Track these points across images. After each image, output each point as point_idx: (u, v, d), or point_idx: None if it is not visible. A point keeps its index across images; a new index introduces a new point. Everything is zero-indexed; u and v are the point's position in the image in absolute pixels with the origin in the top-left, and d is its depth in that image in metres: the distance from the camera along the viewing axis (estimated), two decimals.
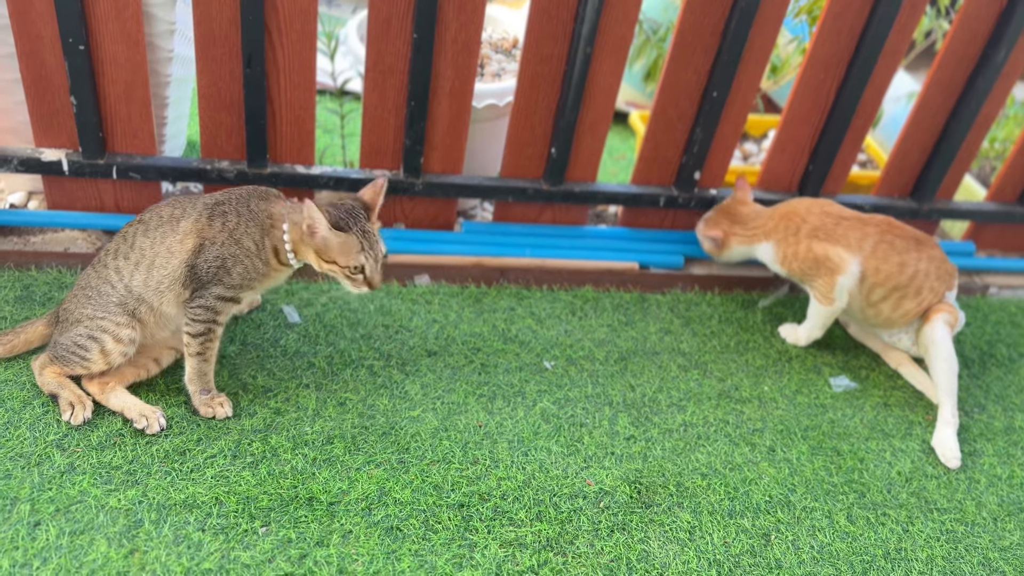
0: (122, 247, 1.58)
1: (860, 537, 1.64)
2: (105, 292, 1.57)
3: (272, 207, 1.58)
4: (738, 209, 2.11)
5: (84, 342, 1.56)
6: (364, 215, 1.55)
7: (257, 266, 1.56)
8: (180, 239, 1.54)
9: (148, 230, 1.57)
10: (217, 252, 1.53)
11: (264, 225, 1.56)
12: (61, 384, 1.58)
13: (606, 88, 2.05)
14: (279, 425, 1.64)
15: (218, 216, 1.55)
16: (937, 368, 1.93)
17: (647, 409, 1.84)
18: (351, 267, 1.53)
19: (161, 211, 1.59)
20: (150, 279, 1.55)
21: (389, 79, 1.95)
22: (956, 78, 2.24)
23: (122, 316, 1.56)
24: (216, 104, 1.93)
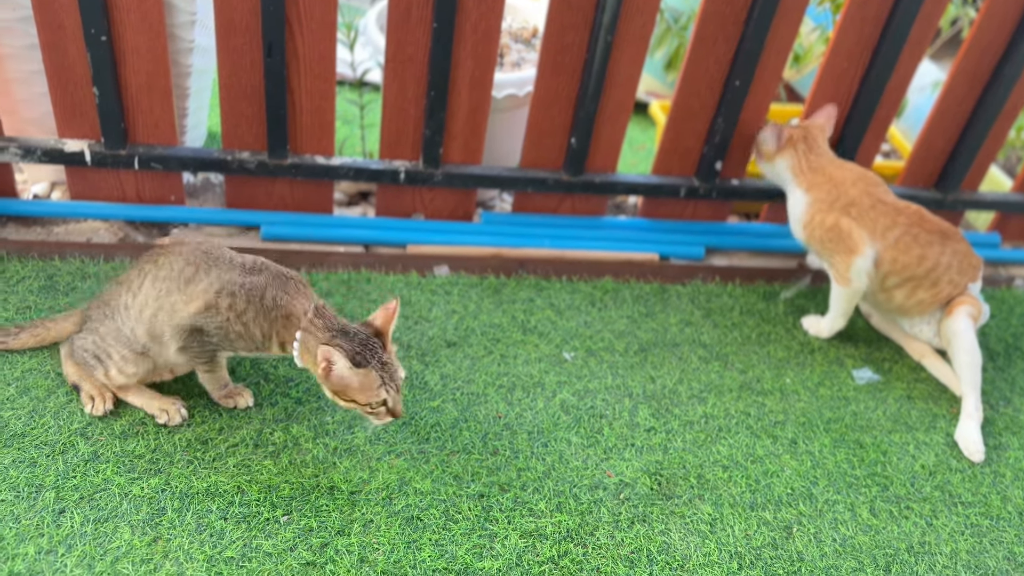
0: (135, 283, 1.52)
1: (883, 530, 1.63)
2: (117, 322, 1.53)
3: (291, 304, 1.47)
4: (816, 135, 2.04)
5: (92, 360, 1.55)
6: (379, 343, 1.44)
7: (258, 347, 1.50)
8: (186, 301, 1.47)
9: (157, 280, 1.49)
10: (221, 324, 1.47)
11: (276, 321, 1.47)
12: (82, 376, 1.59)
13: (627, 77, 2.03)
14: (300, 415, 1.64)
15: (227, 295, 1.46)
16: (959, 360, 1.91)
17: (667, 401, 1.84)
18: (373, 403, 1.42)
19: (176, 263, 1.49)
20: (153, 327, 1.49)
21: (409, 69, 1.94)
22: (982, 67, 2.20)
23: (128, 351, 1.53)
24: (236, 94, 1.93)
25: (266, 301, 1.46)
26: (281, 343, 1.48)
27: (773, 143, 2.06)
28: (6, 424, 1.53)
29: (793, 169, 2.04)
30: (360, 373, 1.39)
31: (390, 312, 1.47)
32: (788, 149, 2.04)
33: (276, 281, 1.49)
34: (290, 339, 1.47)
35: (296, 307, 1.47)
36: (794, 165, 2.03)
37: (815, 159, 2.02)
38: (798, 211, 2.02)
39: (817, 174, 2.00)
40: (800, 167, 2.02)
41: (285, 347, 1.49)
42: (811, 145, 2.03)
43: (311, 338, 1.44)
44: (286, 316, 1.47)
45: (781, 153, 2.05)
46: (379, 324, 1.46)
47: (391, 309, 1.47)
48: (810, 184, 2.00)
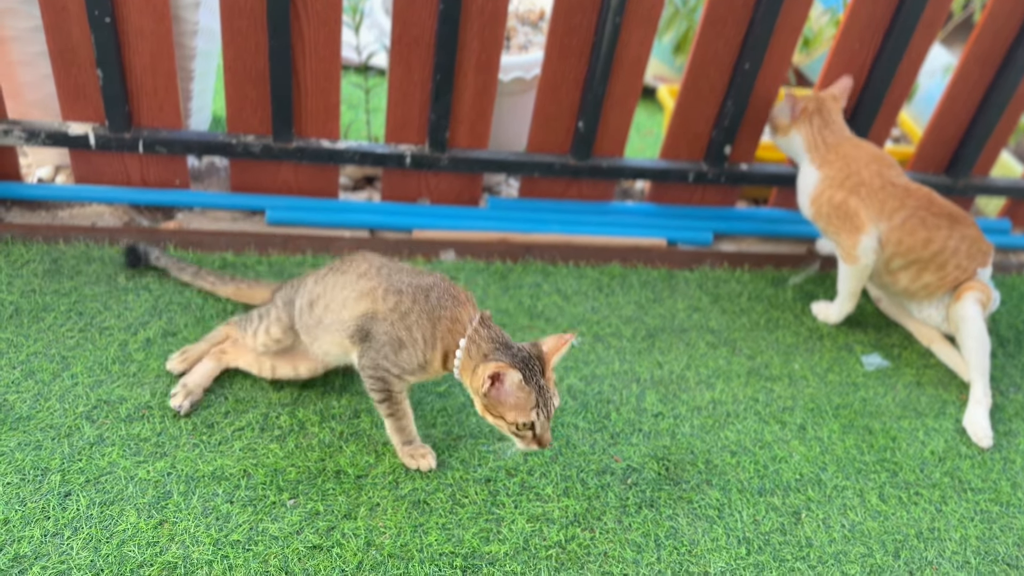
0: (321, 272, 1.57)
1: (892, 516, 1.62)
2: (293, 294, 1.59)
3: (458, 311, 1.44)
4: (831, 107, 2.03)
5: (249, 320, 1.62)
6: (539, 366, 1.38)
7: (420, 361, 1.45)
8: (355, 298, 1.48)
9: (338, 274, 1.54)
10: (388, 330, 1.44)
11: (439, 323, 1.43)
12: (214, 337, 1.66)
13: (635, 60, 2.01)
14: (306, 399, 1.63)
15: (394, 293, 1.46)
16: (968, 346, 1.90)
17: (675, 386, 1.82)
18: (520, 423, 1.37)
19: (357, 265, 1.53)
20: (322, 314, 1.51)
21: (415, 52, 1.92)
22: (994, 51, 2.18)
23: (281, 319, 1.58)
24: (241, 77, 1.92)
25: (431, 300, 1.44)
26: (444, 352, 1.43)
27: (788, 115, 2.04)
28: (11, 407, 1.52)
29: (807, 144, 2.02)
30: (525, 390, 1.35)
31: (562, 342, 1.41)
32: (803, 123, 2.02)
33: (443, 286, 1.47)
34: (453, 347, 1.42)
35: (461, 314, 1.44)
36: (808, 140, 2.01)
37: (830, 136, 2.00)
38: (808, 186, 2.00)
39: (831, 151, 1.98)
40: (815, 143, 2.01)
41: (448, 358, 1.43)
42: (826, 119, 2.01)
43: (475, 347, 1.40)
44: (451, 320, 1.43)
45: (796, 126, 2.03)
46: (546, 348, 1.41)
47: (564, 340, 1.41)
48: (823, 161, 1.98)
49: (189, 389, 1.58)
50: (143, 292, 1.80)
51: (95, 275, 1.82)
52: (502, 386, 1.36)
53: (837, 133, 2.00)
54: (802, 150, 2.03)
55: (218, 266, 1.90)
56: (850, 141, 2.00)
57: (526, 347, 1.40)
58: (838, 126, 2.02)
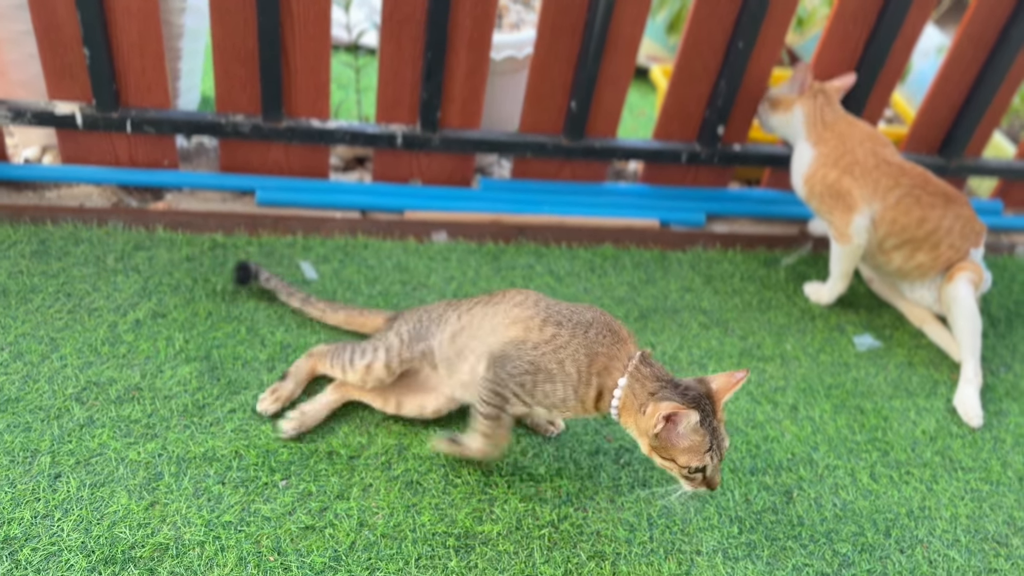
0: (465, 306, 1.49)
1: (883, 495, 1.63)
2: (426, 328, 1.50)
3: (617, 348, 1.35)
4: (833, 94, 2.02)
5: (351, 351, 1.54)
6: (710, 406, 1.30)
7: (568, 396, 1.36)
8: (507, 324, 1.40)
9: (488, 305, 1.45)
10: (536, 358, 1.36)
11: (596, 359, 1.34)
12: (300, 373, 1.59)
13: (629, 38, 2.00)
14: None
15: (553, 324, 1.37)
16: (959, 326, 1.90)
17: (668, 367, 1.82)
18: (692, 467, 1.29)
19: (511, 296, 1.45)
20: (464, 343, 1.44)
21: (405, 29, 1.90)
22: (988, 31, 2.17)
23: (407, 356, 1.50)
24: (230, 56, 1.89)
25: (590, 335, 1.35)
26: (599, 390, 1.35)
27: (796, 89, 2.03)
28: (0, 389, 1.51)
29: (808, 121, 2.01)
30: (700, 433, 1.28)
31: (734, 380, 1.32)
32: (808, 98, 2.01)
33: (603, 321, 1.39)
34: (610, 385, 1.34)
35: (620, 351, 1.35)
36: (810, 116, 2.01)
37: (831, 115, 2.00)
38: (802, 165, 2.00)
39: (828, 130, 1.98)
40: (815, 119, 2.00)
41: (602, 396, 1.35)
42: (829, 99, 2.01)
43: (639, 386, 1.31)
44: (609, 357, 1.34)
45: (801, 101, 2.02)
46: (715, 387, 1.32)
47: (736, 378, 1.32)
48: (819, 139, 1.98)
49: (303, 421, 1.51)
50: (132, 273, 1.78)
51: (83, 256, 1.81)
52: (675, 428, 1.27)
53: (836, 113, 2.00)
54: (800, 127, 2.02)
55: (207, 247, 1.88)
56: (845, 119, 1.99)
57: (693, 385, 1.32)
58: (837, 108, 2.02)
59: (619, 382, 1.33)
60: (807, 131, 2.01)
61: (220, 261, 1.85)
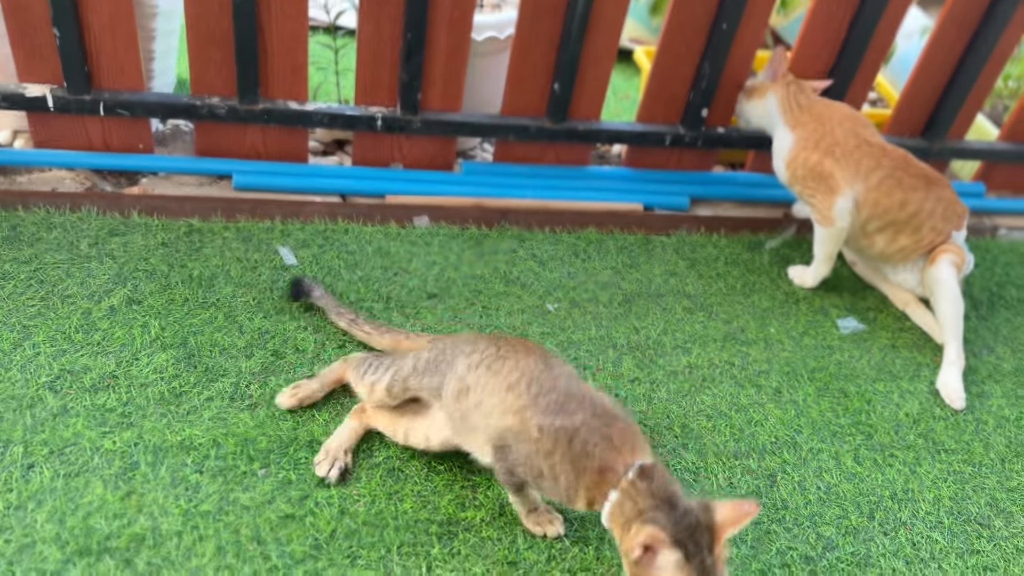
0: (476, 353, 1.39)
1: (867, 478, 1.63)
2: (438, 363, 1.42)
3: (610, 458, 1.24)
4: (807, 86, 2.02)
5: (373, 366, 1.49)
6: (708, 538, 1.17)
7: (562, 497, 1.29)
8: (501, 412, 1.31)
9: (491, 371, 1.35)
10: (531, 453, 1.28)
11: (584, 474, 1.25)
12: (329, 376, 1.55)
13: (611, 18, 1.97)
14: (278, 368, 1.60)
15: (536, 426, 1.27)
16: (942, 309, 1.90)
17: (652, 351, 1.81)
18: None
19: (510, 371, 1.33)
20: (467, 410, 1.36)
21: (385, 8, 1.87)
22: (971, 13, 2.16)
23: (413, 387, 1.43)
24: (205, 37, 1.85)
25: (575, 447, 1.25)
26: (589, 500, 1.26)
27: (768, 75, 2.03)
28: None
29: (782, 105, 2.00)
30: (682, 572, 1.14)
31: (742, 514, 1.18)
32: (781, 85, 2.01)
33: (596, 422, 1.27)
34: (600, 496, 1.25)
35: (615, 461, 1.24)
36: (784, 101, 2.00)
37: (804, 99, 2.00)
38: (783, 150, 1.99)
39: (805, 113, 1.97)
40: (789, 104, 1.99)
41: (593, 504, 1.26)
42: (802, 87, 2.02)
43: (629, 503, 1.21)
44: (599, 471, 1.24)
45: (774, 87, 2.02)
46: (719, 518, 1.18)
47: (745, 513, 1.18)
48: (796, 122, 1.97)
49: (333, 455, 1.43)
50: (106, 259, 1.75)
51: (56, 242, 1.77)
52: (654, 559, 1.15)
53: (811, 98, 2.00)
54: (776, 112, 2.01)
55: (184, 232, 1.85)
56: (822, 102, 1.99)
57: (695, 509, 1.19)
58: (811, 94, 2.02)
59: (609, 495, 1.23)
60: (784, 116, 2.00)
61: (196, 246, 1.82)
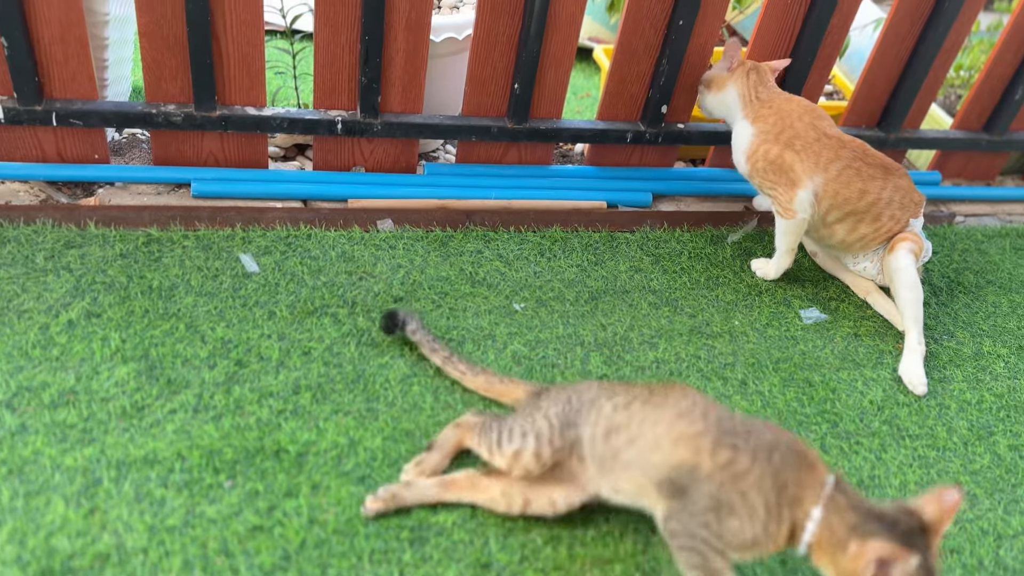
0: (620, 395, 1.34)
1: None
2: (573, 410, 1.36)
3: (807, 474, 1.19)
4: (767, 72, 2.03)
5: (497, 430, 1.40)
6: (923, 540, 1.11)
7: (757, 535, 1.18)
8: (671, 441, 1.24)
9: (647, 404, 1.30)
10: (713, 492, 1.20)
11: (786, 487, 1.18)
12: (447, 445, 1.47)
13: (569, 16, 1.97)
14: (242, 377, 1.58)
15: (726, 448, 1.21)
16: (901, 296, 1.93)
17: (619, 348, 1.82)
18: None
19: (673, 396, 1.30)
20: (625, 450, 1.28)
21: (341, 12, 1.85)
22: (922, 5, 2.20)
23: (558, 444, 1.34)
24: (158, 44, 1.82)
25: (774, 462, 1.19)
26: (792, 525, 1.18)
27: (726, 65, 2.03)
28: None
29: (742, 98, 2.01)
30: None
31: (949, 505, 1.12)
32: (740, 76, 2.02)
33: (787, 441, 1.23)
34: (801, 518, 1.17)
35: (812, 477, 1.19)
36: (743, 94, 2.01)
37: (764, 92, 2.00)
38: (743, 142, 2.00)
39: (764, 106, 1.98)
40: (749, 96, 2.00)
41: (795, 535, 1.18)
42: (762, 78, 2.02)
43: (837, 519, 1.14)
44: (799, 484, 1.18)
45: (733, 79, 2.02)
46: (928, 516, 1.13)
47: (950, 501, 1.12)
48: (756, 115, 1.98)
49: (388, 504, 1.38)
50: (64, 272, 1.71)
51: (10, 256, 1.73)
52: (887, 574, 1.08)
53: (771, 90, 2.01)
54: (736, 105, 2.02)
55: (142, 242, 1.82)
56: (781, 96, 2.00)
57: (899, 515, 1.14)
58: (772, 86, 2.03)
59: (812, 514, 1.16)
60: (743, 109, 2.01)
61: (155, 257, 1.79)
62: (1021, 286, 2.23)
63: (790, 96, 2.00)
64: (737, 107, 2.02)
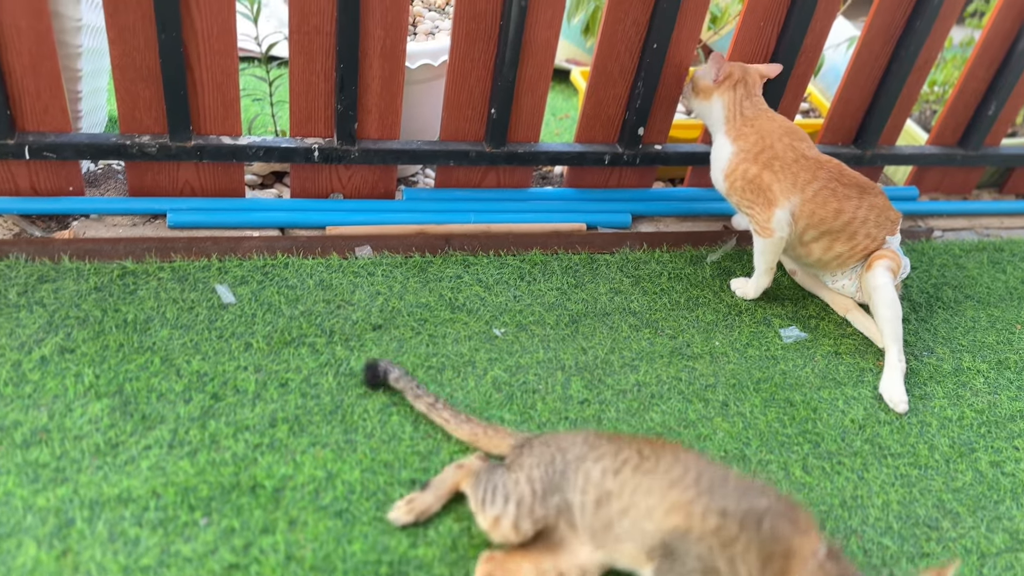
0: (608, 455, 1.32)
1: (816, 487, 1.64)
2: (558, 471, 1.33)
3: (797, 541, 1.20)
4: (756, 80, 2.01)
5: (490, 495, 1.36)
6: None
7: None
8: (664, 510, 1.24)
9: (638, 471, 1.29)
10: (703, 553, 1.20)
11: (772, 558, 1.19)
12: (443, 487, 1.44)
13: (544, 42, 1.98)
14: (217, 411, 1.56)
15: (716, 513, 1.22)
16: (880, 314, 1.94)
17: (600, 371, 1.81)
18: None
19: (665, 459, 1.30)
20: (612, 519, 1.27)
21: (315, 41, 1.85)
22: (895, 22, 2.22)
23: (539, 515, 1.31)
24: (132, 75, 1.82)
25: (763, 530, 1.19)
26: None
27: (712, 76, 2.00)
28: None
29: (727, 113, 1.99)
30: None
31: None
32: (727, 89, 1.99)
33: (779, 509, 1.23)
34: None
35: (802, 545, 1.19)
36: (729, 108, 1.99)
37: (750, 108, 1.98)
38: (722, 160, 1.99)
39: (747, 124, 1.97)
40: (733, 113, 1.98)
41: None
42: (749, 91, 2.00)
43: None
44: (787, 555, 1.18)
45: (719, 91, 2.00)
46: None
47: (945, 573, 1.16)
48: (738, 134, 1.97)
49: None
50: (37, 307, 1.69)
51: None
52: None
53: (756, 106, 2.00)
54: (720, 119, 2.01)
55: (117, 275, 1.80)
56: (766, 114, 2.00)
57: None
58: (759, 100, 2.02)
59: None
60: (726, 125, 2.00)
61: (130, 289, 1.77)
62: (999, 300, 2.24)
63: (773, 115, 1.99)
64: (720, 121, 2.01)
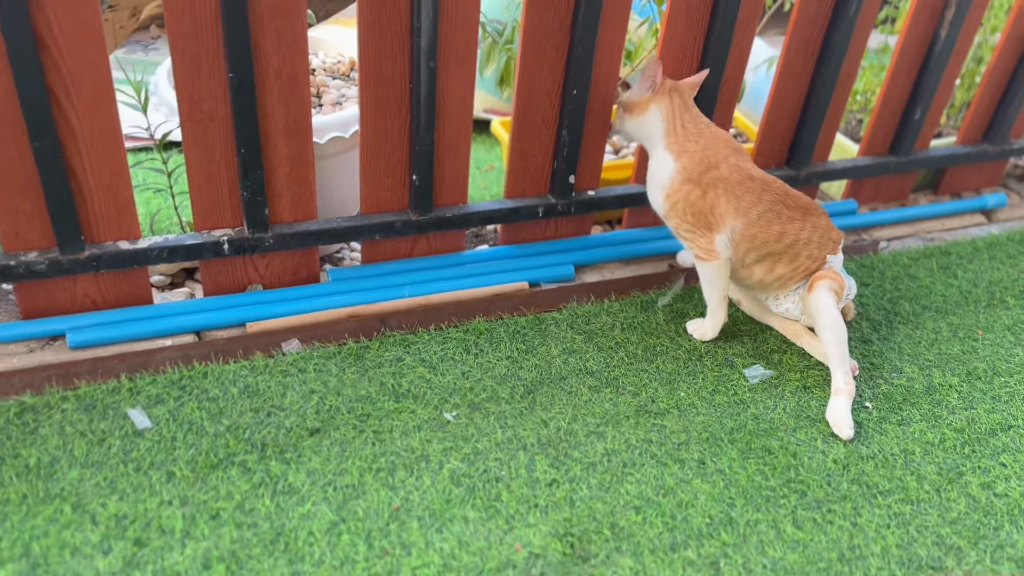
0: None
1: (811, 543, 1.53)
2: None
3: None
4: (687, 92, 1.90)
5: None
6: None
7: None
8: None
9: None
10: None
11: None
12: None
13: (459, 101, 1.86)
14: (142, 559, 1.37)
15: None
16: (824, 336, 1.85)
17: (565, 444, 1.67)
18: None
19: None
20: None
21: (210, 128, 1.70)
22: (813, 38, 2.18)
23: None
24: (9, 189, 1.63)
25: None
26: None
27: (647, 86, 1.88)
28: None
29: (666, 125, 1.87)
30: None
31: None
32: (663, 97, 1.88)
33: None
34: None
35: None
36: (668, 119, 1.87)
37: (690, 121, 1.88)
38: (663, 178, 1.87)
39: (690, 139, 1.86)
40: (673, 125, 1.87)
41: None
42: (686, 102, 1.90)
43: None
44: None
45: (656, 100, 1.88)
46: None
47: None
48: (681, 150, 1.85)
49: None
50: None
51: None
52: None
53: (696, 119, 1.89)
54: (659, 131, 1.88)
55: (15, 413, 1.59)
56: (708, 130, 1.88)
57: None
58: (696, 112, 1.91)
59: None
60: (667, 138, 1.88)
61: (31, 428, 1.57)
62: (956, 307, 2.19)
63: (717, 131, 1.89)
64: (659, 134, 1.89)
